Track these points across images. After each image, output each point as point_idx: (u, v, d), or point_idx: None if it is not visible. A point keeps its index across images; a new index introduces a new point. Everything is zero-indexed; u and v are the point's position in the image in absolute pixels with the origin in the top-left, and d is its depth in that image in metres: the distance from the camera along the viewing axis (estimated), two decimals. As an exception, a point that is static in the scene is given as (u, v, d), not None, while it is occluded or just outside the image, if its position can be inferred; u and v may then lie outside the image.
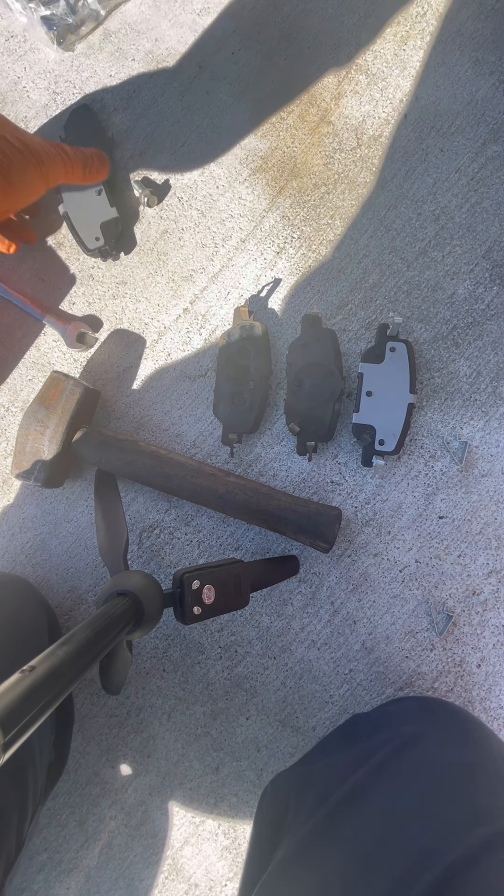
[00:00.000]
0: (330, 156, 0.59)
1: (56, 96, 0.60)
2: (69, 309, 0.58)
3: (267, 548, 0.55)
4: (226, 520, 0.55)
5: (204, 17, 0.61)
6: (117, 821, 0.54)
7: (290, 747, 0.54)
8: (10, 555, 0.56)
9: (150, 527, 0.56)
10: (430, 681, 0.53)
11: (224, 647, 0.55)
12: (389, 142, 0.58)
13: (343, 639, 0.54)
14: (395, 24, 0.60)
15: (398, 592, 0.54)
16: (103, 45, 0.61)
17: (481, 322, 0.56)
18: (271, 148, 0.59)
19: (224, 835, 0.54)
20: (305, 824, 0.38)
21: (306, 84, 0.60)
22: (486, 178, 0.57)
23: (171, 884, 0.53)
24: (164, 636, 0.55)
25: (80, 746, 0.54)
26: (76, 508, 0.56)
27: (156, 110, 0.60)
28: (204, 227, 0.58)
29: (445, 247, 0.57)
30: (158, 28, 0.61)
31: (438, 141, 0.58)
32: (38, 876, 0.53)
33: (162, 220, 0.59)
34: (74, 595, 0.56)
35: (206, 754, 0.54)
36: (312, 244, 0.58)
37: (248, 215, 0.58)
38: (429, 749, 0.38)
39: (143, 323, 0.58)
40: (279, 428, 0.56)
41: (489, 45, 0.59)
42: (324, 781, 0.41)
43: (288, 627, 0.54)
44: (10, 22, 0.61)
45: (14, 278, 0.58)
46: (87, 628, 0.34)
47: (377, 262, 0.57)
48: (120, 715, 0.55)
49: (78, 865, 0.54)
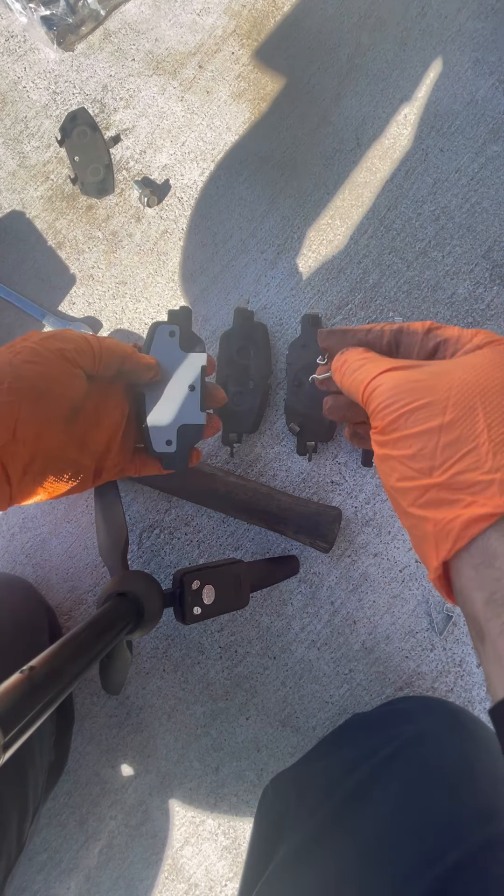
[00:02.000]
0: (330, 156, 0.59)
1: (56, 96, 0.60)
2: (69, 309, 0.58)
3: (267, 548, 0.55)
4: (226, 520, 0.55)
5: (204, 17, 0.61)
6: (117, 821, 0.54)
7: (290, 747, 0.54)
8: (10, 555, 0.56)
9: (150, 527, 0.56)
10: (430, 681, 0.53)
11: (224, 647, 0.55)
12: (389, 142, 0.58)
13: (343, 639, 0.54)
14: (394, 24, 0.60)
15: (398, 592, 0.54)
16: (103, 45, 0.61)
17: (481, 322, 0.56)
18: (271, 148, 0.59)
19: (224, 835, 0.54)
20: (306, 824, 0.38)
21: (306, 84, 0.60)
22: (486, 178, 0.57)
23: (171, 884, 0.53)
24: (164, 636, 0.55)
25: (80, 746, 0.54)
26: (76, 508, 0.56)
27: (156, 110, 0.60)
28: (204, 227, 0.58)
29: (445, 247, 0.57)
30: (158, 28, 0.61)
31: (438, 141, 0.58)
32: (38, 876, 0.53)
33: (162, 220, 0.59)
34: (74, 595, 0.56)
35: (206, 754, 0.54)
36: (312, 244, 0.58)
37: (248, 215, 0.58)
38: (429, 749, 0.38)
39: (143, 323, 0.58)
40: (279, 428, 0.56)
41: (489, 45, 0.59)
42: (324, 781, 0.41)
43: (288, 627, 0.54)
44: (10, 22, 0.61)
45: (14, 278, 0.58)
46: (87, 628, 0.34)
47: (377, 262, 0.57)
48: (120, 715, 0.55)
49: (78, 865, 0.54)
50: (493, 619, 0.22)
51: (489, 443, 0.24)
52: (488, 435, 0.24)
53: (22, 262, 0.58)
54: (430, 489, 0.25)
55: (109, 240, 0.59)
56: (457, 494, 0.24)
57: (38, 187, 0.59)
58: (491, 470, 0.23)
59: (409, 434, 0.26)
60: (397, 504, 0.27)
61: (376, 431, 0.28)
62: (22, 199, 0.59)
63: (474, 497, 0.23)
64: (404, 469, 0.26)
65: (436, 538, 0.24)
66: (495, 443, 0.24)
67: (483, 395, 0.25)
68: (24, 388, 0.32)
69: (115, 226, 0.59)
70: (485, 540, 0.23)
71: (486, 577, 0.23)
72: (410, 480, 0.25)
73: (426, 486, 0.25)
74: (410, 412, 0.26)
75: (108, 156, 0.59)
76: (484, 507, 0.23)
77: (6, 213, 0.59)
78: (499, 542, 0.23)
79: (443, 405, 0.25)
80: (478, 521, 0.23)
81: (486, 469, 0.23)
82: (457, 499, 0.24)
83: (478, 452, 0.24)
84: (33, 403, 0.32)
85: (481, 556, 0.23)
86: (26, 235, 0.59)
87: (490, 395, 0.25)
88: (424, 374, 0.27)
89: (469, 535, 0.23)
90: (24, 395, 0.31)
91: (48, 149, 0.60)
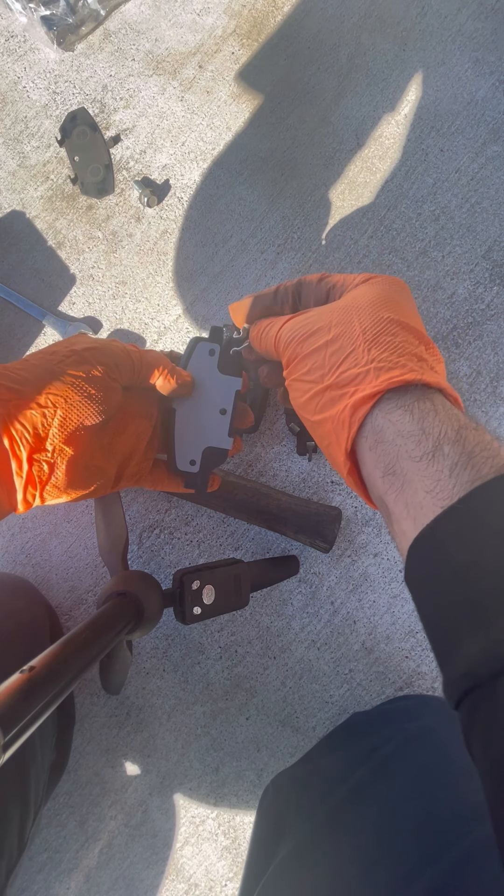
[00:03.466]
0: (330, 156, 0.59)
1: (56, 96, 0.60)
2: (69, 309, 0.58)
3: (267, 548, 0.55)
4: (226, 520, 0.55)
5: (204, 17, 0.61)
6: (117, 821, 0.54)
7: (290, 747, 0.54)
8: (10, 555, 0.56)
9: (150, 527, 0.56)
10: (430, 681, 0.53)
11: (224, 647, 0.55)
12: (389, 142, 0.58)
13: (343, 639, 0.54)
14: (394, 24, 0.60)
15: (398, 592, 0.54)
16: (103, 45, 0.61)
17: (481, 322, 0.56)
18: (271, 148, 0.59)
19: (224, 835, 0.54)
20: (307, 823, 0.38)
21: (306, 84, 0.60)
22: (486, 178, 0.57)
23: (171, 884, 0.53)
24: (164, 636, 0.55)
25: (81, 746, 0.54)
26: (76, 508, 0.56)
27: (156, 110, 0.60)
28: (204, 227, 0.58)
29: (445, 247, 0.57)
30: (158, 28, 0.61)
31: (438, 141, 0.58)
32: (38, 876, 0.53)
33: (162, 220, 0.59)
34: (74, 595, 0.56)
35: (206, 754, 0.54)
36: (312, 244, 0.58)
37: (248, 215, 0.58)
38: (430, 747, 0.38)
39: (143, 323, 0.58)
40: (279, 428, 0.56)
41: (489, 45, 0.59)
42: (325, 780, 0.41)
43: (288, 627, 0.54)
44: (10, 22, 0.61)
45: (14, 278, 0.58)
46: (87, 628, 0.34)
47: (377, 262, 0.57)
48: (120, 715, 0.55)
49: (78, 865, 0.54)
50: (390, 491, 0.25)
51: (364, 343, 0.28)
52: (363, 337, 0.28)
53: (22, 262, 0.58)
54: (324, 392, 0.29)
55: (109, 240, 0.59)
56: (344, 389, 0.28)
57: (38, 187, 0.59)
58: (367, 362, 0.27)
59: (304, 355, 0.30)
60: (306, 420, 0.31)
61: (285, 369, 0.32)
62: (22, 199, 0.59)
63: (356, 386, 0.27)
64: (303, 385, 0.30)
65: (336, 434, 0.28)
66: (368, 342, 0.28)
67: (357, 310, 0.30)
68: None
69: (115, 226, 0.59)
70: (373, 420, 0.27)
71: (380, 454, 0.26)
72: (308, 393, 0.30)
73: (320, 391, 0.29)
74: (304, 338, 0.31)
75: (108, 156, 0.59)
76: (364, 391, 0.26)
77: (6, 213, 0.59)
78: (384, 418, 0.26)
79: (328, 327, 0.30)
80: (362, 403, 0.27)
81: (364, 363, 0.28)
82: (344, 392, 0.28)
83: (356, 353, 0.28)
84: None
85: (373, 436, 0.26)
86: (26, 235, 0.59)
87: (362, 309, 0.29)
88: (314, 312, 0.32)
89: (359, 419, 0.27)
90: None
91: (48, 149, 0.60)
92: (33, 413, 0.31)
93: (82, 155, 0.57)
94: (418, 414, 0.25)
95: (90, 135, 0.57)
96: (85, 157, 0.57)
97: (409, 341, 0.28)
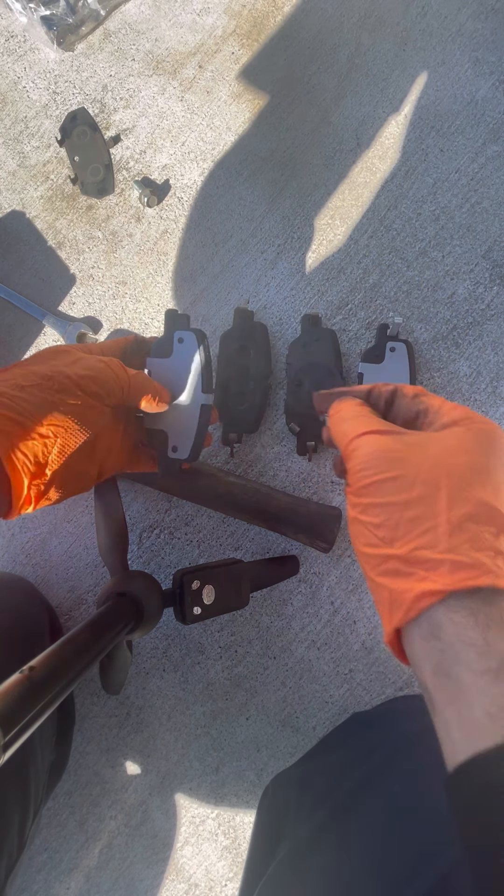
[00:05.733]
0: (330, 156, 0.59)
1: (56, 96, 0.60)
2: (69, 309, 0.58)
3: (267, 548, 0.55)
4: (226, 520, 0.55)
5: (204, 17, 0.61)
6: (117, 821, 0.54)
7: (290, 747, 0.54)
8: (10, 555, 0.56)
9: (150, 527, 0.56)
10: (430, 681, 0.53)
11: (224, 647, 0.55)
12: (389, 142, 0.58)
13: (343, 639, 0.54)
14: (394, 24, 0.60)
15: (398, 592, 0.54)
16: (103, 45, 0.61)
17: (481, 322, 0.56)
18: (271, 148, 0.59)
19: (224, 835, 0.54)
20: (307, 823, 0.38)
21: (306, 84, 0.60)
22: (486, 178, 0.57)
23: (171, 884, 0.53)
24: (164, 636, 0.55)
25: (81, 746, 0.54)
26: (76, 508, 0.56)
27: (156, 110, 0.60)
28: (204, 227, 0.58)
29: (445, 247, 0.57)
30: (158, 28, 0.61)
31: (438, 141, 0.58)
32: (38, 876, 0.53)
33: (162, 220, 0.59)
34: (74, 595, 0.56)
35: (206, 754, 0.54)
36: (312, 244, 0.58)
37: (248, 215, 0.58)
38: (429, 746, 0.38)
39: (143, 323, 0.58)
40: (279, 428, 0.56)
41: (489, 45, 0.59)
42: (325, 780, 0.41)
43: (288, 627, 0.54)
44: (10, 22, 0.61)
45: (14, 278, 0.58)
46: (87, 628, 0.34)
47: (377, 262, 0.57)
48: (120, 715, 0.55)
49: (78, 865, 0.54)
50: (440, 691, 0.24)
51: (447, 524, 0.26)
52: (447, 516, 0.26)
53: (22, 262, 0.58)
54: (390, 559, 0.26)
55: (109, 240, 0.59)
56: (412, 568, 0.26)
57: (38, 187, 0.59)
58: (445, 550, 0.25)
59: (378, 503, 0.28)
60: (364, 568, 0.29)
61: (351, 491, 0.30)
62: (22, 199, 0.59)
63: (427, 573, 0.25)
64: (370, 536, 0.28)
65: (390, 606, 0.26)
66: (453, 524, 0.26)
67: (449, 475, 0.27)
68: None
69: (115, 226, 0.59)
70: (432, 613, 0.25)
71: (432, 648, 0.24)
72: (374, 547, 0.27)
73: (387, 555, 0.27)
74: (382, 482, 0.28)
75: (108, 156, 0.59)
76: (435, 583, 0.25)
77: (6, 213, 0.59)
78: (445, 616, 0.24)
79: (412, 480, 0.27)
80: (428, 596, 0.25)
81: (441, 549, 0.25)
82: (412, 572, 0.26)
83: (436, 532, 0.26)
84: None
85: (429, 628, 0.25)
86: (26, 235, 0.59)
87: (455, 476, 0.27)
88: (401, 445, 0.29)
89: (419, 608, 0.25)
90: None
91: (48, 149, 0.60)
92: (35, 443, 0.33)
93: (82, 155, 0.57)
94: (483, 620, 0.24)
95: (90, 135, 0.57)
96: (85, 157, 0.57)
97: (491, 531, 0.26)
